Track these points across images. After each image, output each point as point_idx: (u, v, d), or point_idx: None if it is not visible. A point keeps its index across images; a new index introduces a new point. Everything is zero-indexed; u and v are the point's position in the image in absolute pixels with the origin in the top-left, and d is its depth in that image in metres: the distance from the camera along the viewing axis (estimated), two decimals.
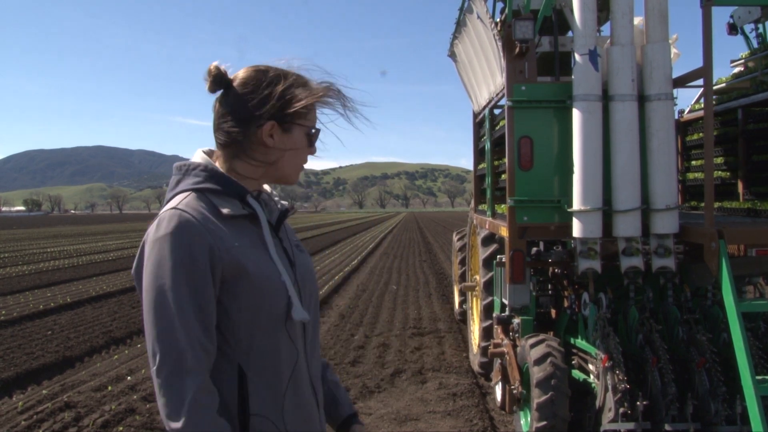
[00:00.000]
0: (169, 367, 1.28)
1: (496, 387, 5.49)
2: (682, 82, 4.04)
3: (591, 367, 4.06)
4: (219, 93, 1.48)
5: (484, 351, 5.97)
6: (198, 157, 1.49)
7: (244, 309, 1.38)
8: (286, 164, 1.50)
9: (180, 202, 1.38)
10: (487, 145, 5.49)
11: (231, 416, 1.37)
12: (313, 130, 1.51)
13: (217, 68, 1.45)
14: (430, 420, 5.15)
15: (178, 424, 1.26)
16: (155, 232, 1.34)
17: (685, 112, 5.72)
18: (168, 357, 1.28)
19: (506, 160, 4.38)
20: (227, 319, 1.38)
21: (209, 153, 1.52)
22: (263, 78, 1.46)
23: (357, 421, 1.67)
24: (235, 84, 1.46)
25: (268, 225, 1.49)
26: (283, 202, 1.60)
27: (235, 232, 1.40)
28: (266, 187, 1.62)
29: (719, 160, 5.02)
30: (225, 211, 1.40)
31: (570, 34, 4.43)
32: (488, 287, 5.93)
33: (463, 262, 8.41)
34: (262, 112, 1.44)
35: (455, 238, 9.37)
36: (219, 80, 1.46)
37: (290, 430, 1.42)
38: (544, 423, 3.80)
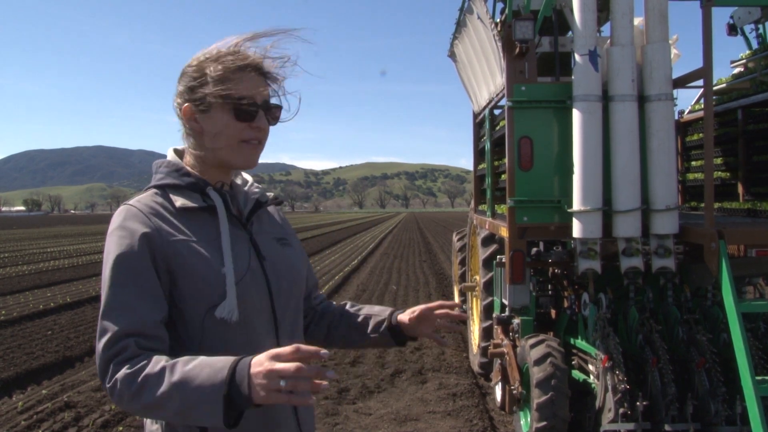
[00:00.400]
0: (103, 353, 1.28)
1: (496, 387, 5.49)
2: (682, 82, 4.04)
3: (591, 367, 4.06)
4: None
5: (484, 351, 5.97)
6: (168, 154, 1.50)
7: (187, 301, 1.35)
8: (216, 146, 1.42)
9: (135, 198, 1.42)
10: (487, 146, 5.49)
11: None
12: (244, 101, 1.39)
13: None
14: (430, 420, 5.15)
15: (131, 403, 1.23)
16: (108, 229, 1.38)
17: (685, 113, 5.72)
18: (103, 343, 1.28)
19: (506, 160, 4.38)
20: (178, 314, 1.36)
21: (182, 151, 1.51)
22: (188, 65, 1.46)
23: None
24: None
25: (236, 217, 1.46)
26: (268, 193, 1.57)
27: (189, 224, 1.39)
28: (247, 177, 1.59)
29: (719, 160, 5.02)
30: (178, 204, 1.39)
31: (570, 34, 4.44)
32: (488, 287, 5.93)
33: (463, 263, 8.41)
34: (182, 99, 1.44)
35: (455, 238, 9.37)
36: None
37: None
38: (544, 423, 3.80)
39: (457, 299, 9.30)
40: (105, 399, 5.66)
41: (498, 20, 5.34)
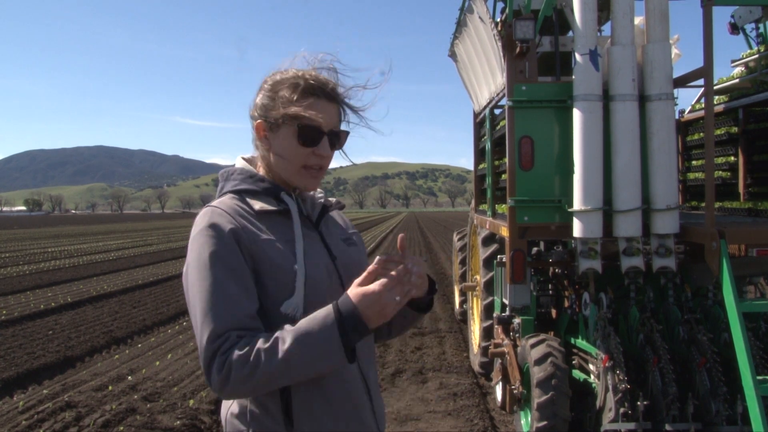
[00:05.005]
0: (207, 347, 1.31)
1: (497, 387, 5.49)
2: (682, 82, 4.04)
3: (591, 367, 4.06)
4: None
5: (484, 351, 5.97)
6: (238, 162, 1.59)
7: (269, 298, 1.42)
8: (279, 166, 1.51)
9: (215, 202, 1.49)
10: (488, 145, 5.49)
11: (275, 413, 1.42)
12: (304, 126, 1.45)
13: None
14: (431, 420, 5.15)
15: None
16: (193, 230, 1.43)
17: (686, 112, 5.72)
18: (206, 338, 1.32)
19: (507, 160, 4.38)
20: (262, 311, 1.42)
21: (250, 159, 1.60)
22: (266, 81, 1.52)
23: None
24: None
25: (308, 220, 1.54)
26: (330, 199, 1.66)
27: (267, 227, 1.45)
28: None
29: (720, 160, 5.01)
30: (257, 207, 1.47)
31: (570, 33, 4.43)
32: (489, 287, 5.93)
33: (463, 262, 8.41)
34: (257, 113, 1.52)
35: (456, 237, 9.37)
36: None
37: (299, 429, 1.42)
38: (545, 423, 3.79)
39: (457, 299, 9.30)
40: (105, 399, 5.66)
41: (498, 20, 5.33)
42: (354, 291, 1.32)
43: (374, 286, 1.30)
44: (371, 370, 1.58)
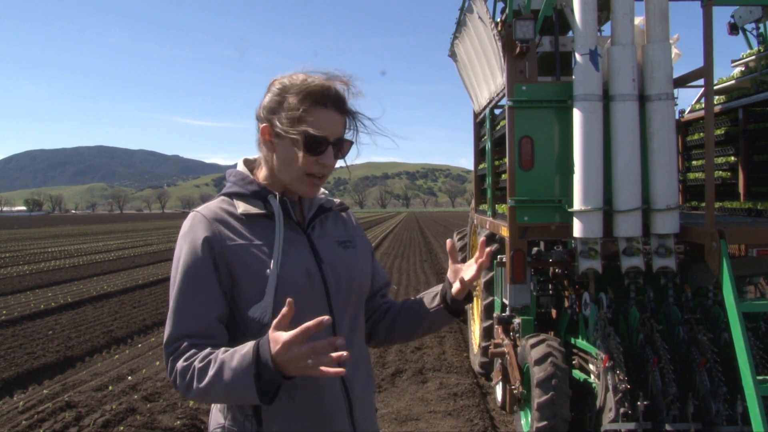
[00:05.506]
0: (164, 351, 1.41)
1: (497, 387, 5.49)
2: (682, 82, 4.04)
3: (592, 367, 4.06)
4: None
5: (484, 351, 5.97)
6: (238, 164, 1.62)
7: (246, 301, 1.44)
8: (281, 171, 1.50)
9: (204, 205, 1.54)
10: (488, 145, 5.48)
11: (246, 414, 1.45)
12: (310, 135, 1.44)
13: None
14: (431, 420, 5.15)
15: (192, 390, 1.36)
16: (180, 232, 1.50)
17: (686, 112, 5.71)
18: (164, 342, 1.42)
19: (507, 160, 4.38)
20: (239, 314, 1.46)
21: (253, 160, 1.61)
22: (274, 83, 1.52)
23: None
24: None
25: (297, 223, 1.54)
26: (335, 200, 1.65)
27: (251, 229, 1.48)
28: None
29: (720, 160, 5.01)
30: (240, 210, 1.49)
31: (571, 33, 4.43)
32: (489, 287, 5.93)
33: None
34: (264, 115, 1.51)
35: (456, 237, 9.37)
36: None
37: (267, 429, 1.43)
38: (545, 423, 3.79)
39: None
40: (105, 399, 5.67)
41: (498, 20, 5.33)
42: (272, 334, 1.27)
43: (287, 335, 1.24)
44: (357, 375, 1.55)
